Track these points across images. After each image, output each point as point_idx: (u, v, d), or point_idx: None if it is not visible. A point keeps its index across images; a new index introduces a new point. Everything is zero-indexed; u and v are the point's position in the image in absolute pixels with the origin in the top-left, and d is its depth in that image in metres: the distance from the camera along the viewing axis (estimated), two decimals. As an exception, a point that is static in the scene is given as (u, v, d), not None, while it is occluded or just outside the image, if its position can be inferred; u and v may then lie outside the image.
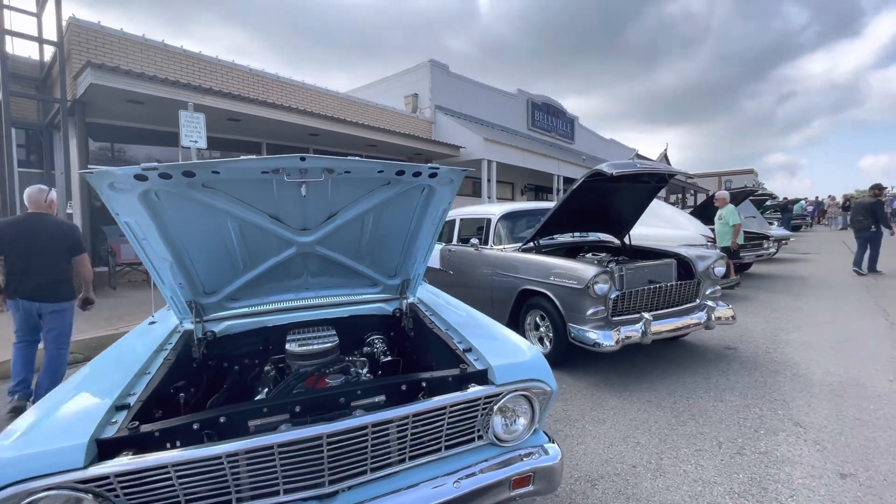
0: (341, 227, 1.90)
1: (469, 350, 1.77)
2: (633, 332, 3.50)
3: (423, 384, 1.56)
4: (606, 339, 3.44)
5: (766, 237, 8.70)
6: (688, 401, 3.21)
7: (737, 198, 8.89)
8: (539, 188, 18.99)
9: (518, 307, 4.34)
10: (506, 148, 13.20)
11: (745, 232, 8.90)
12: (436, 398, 1.43)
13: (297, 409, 1.40)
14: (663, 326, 3.66)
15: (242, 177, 1.55)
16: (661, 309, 3.85)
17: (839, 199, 25.50)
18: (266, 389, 1.89)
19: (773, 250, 8.79)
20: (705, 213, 8.69)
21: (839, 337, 4.58)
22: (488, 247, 4.99)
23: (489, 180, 12.84)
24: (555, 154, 16.03)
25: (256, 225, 1.76)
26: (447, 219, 6.45)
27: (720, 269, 4.12)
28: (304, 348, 1.92)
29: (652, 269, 3.95)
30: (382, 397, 1.57)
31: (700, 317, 3.86)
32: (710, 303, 3.94)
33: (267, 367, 2.10)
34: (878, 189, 8.86)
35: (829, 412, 2.94)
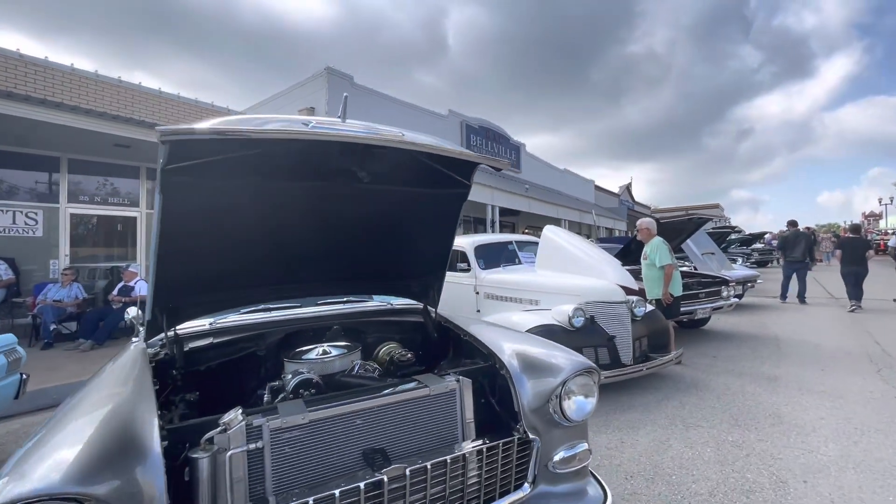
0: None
1: None
2: None
3: None
4: None
5: (725, 282, 6.40)
6: None
7: (683, 229, 6.61)
8: (479, 220, 16.73)
9: None
10: (417, 171, 10.88)
11: (699, 276, 6.60)
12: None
13: None
14: None
15: None
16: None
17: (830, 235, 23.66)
18: None
19: (734, 299, 6.47)
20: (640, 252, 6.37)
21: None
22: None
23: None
24: (487, 181, 13.86)
25: None
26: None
27: (583, 404, 1.61)
28: None
29: (325, 428, 1.41)
30: None
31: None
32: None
33: None
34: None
35: None
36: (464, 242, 5.58)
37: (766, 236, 23.11)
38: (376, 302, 2.64)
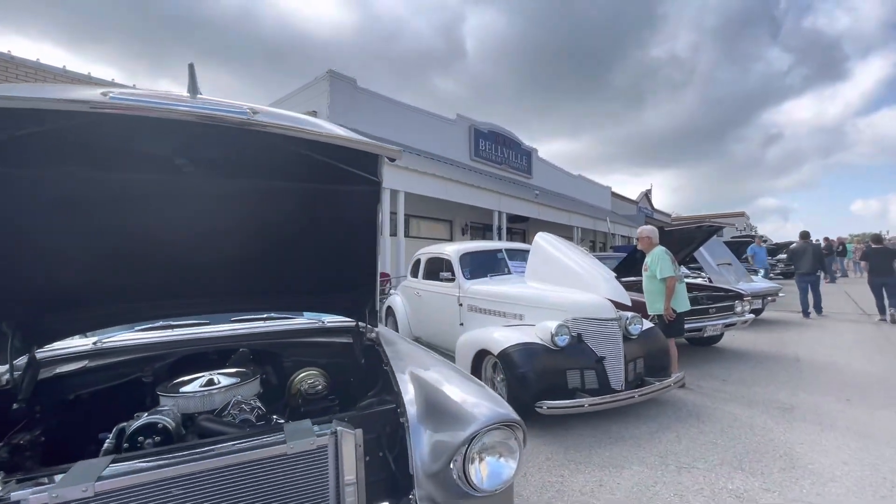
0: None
1: None
2: None
3: None
4: None
5: (740, 296, 5.85)
6: None
7: (692, 238, 6.10)
8: (486, 227, 16.34)
9: None
10: (418, 176, 10.60)
11: (709, 289, 6.08)
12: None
13: None
14: None
15: None
16: None
17: (862, 245, 22.48)
18: None
19: (750, 315, 5.90)
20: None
21: None
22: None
23: (394, 213, 10.14)
24: (492, 186, 13.48)
25: None
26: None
27: (498, 468, 1.22)
28: None
29: None
30: None
31: None
32: None
33: None
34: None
35: None
36: (449, 250, 5.22)
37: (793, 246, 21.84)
38: (306, 319, 2.30)
